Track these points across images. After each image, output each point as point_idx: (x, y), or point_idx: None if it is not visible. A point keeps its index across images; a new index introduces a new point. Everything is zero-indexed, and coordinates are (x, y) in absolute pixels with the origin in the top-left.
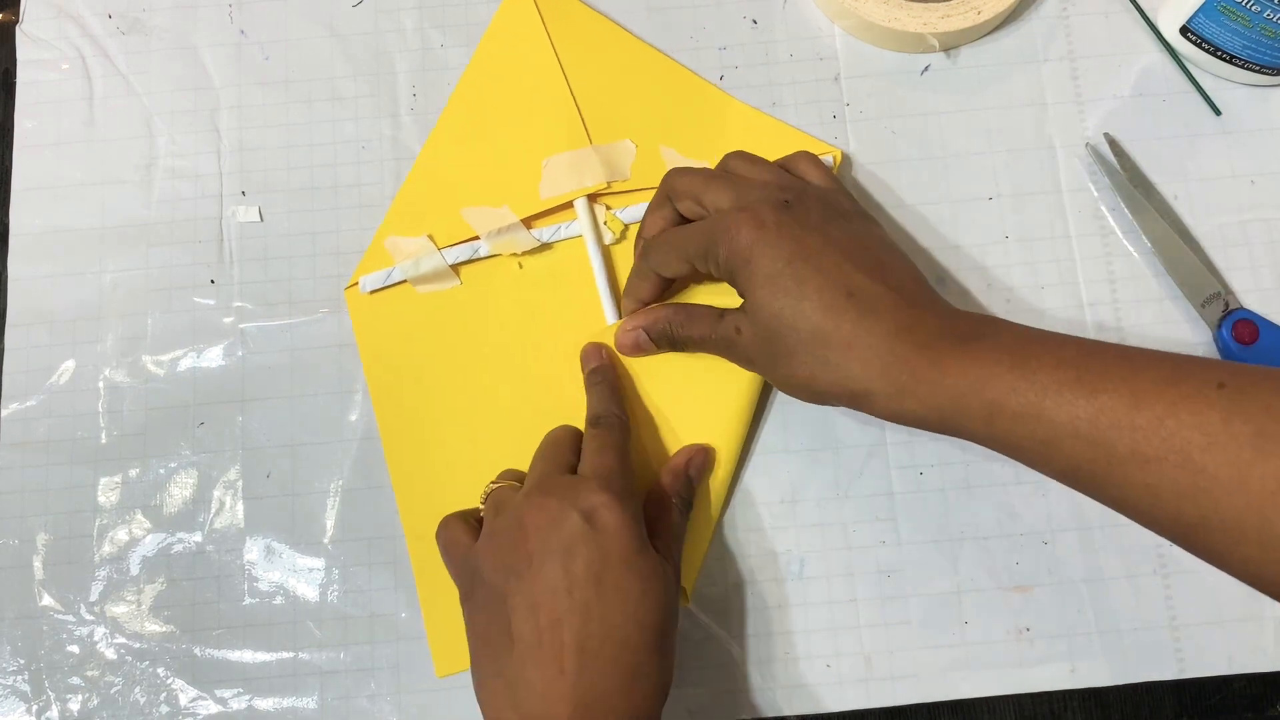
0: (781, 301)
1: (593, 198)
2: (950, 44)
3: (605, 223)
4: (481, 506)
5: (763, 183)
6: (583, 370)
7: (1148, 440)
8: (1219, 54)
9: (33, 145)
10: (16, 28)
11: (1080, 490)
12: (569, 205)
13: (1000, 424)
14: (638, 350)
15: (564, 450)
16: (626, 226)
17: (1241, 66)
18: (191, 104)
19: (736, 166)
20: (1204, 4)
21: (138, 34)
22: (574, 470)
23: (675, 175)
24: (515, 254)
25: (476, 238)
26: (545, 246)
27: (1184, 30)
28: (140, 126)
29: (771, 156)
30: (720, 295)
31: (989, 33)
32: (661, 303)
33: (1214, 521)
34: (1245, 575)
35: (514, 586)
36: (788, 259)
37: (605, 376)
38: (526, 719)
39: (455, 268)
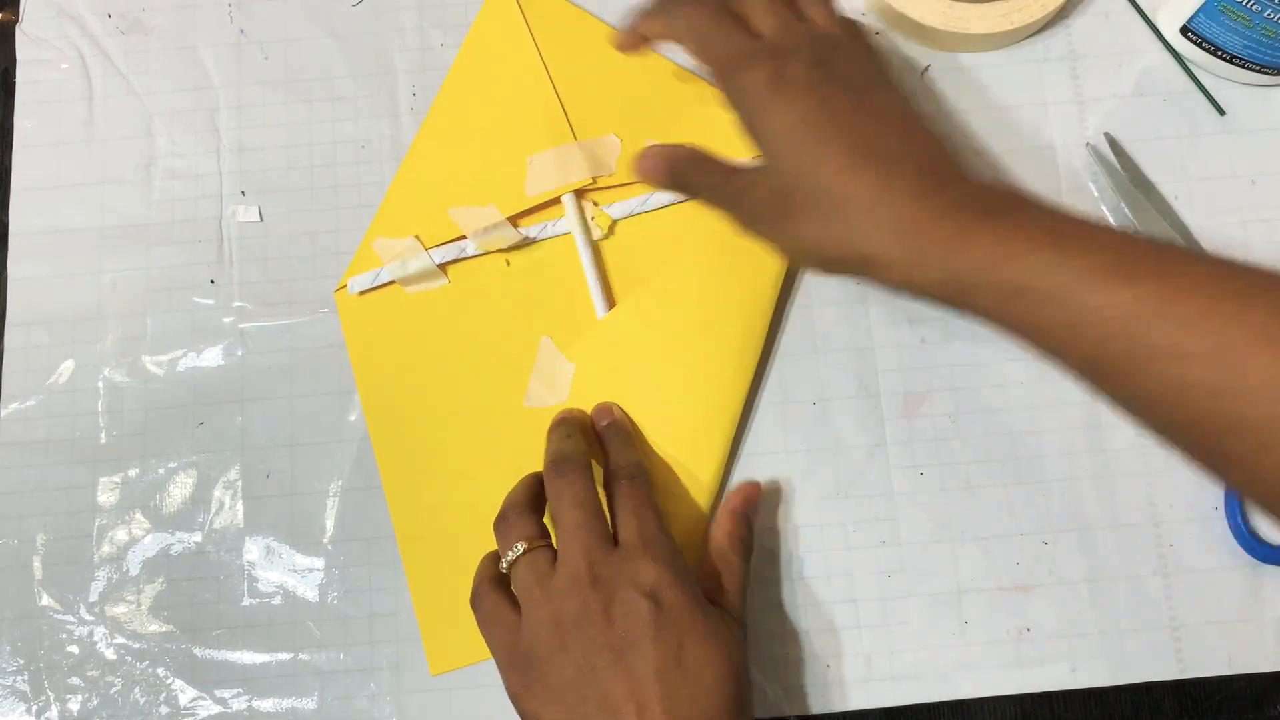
0: (799, 158)
1: (580, 193)
2: (988, 46)
3: (593, 218)
4: (505, 563)
5: (806, 28)
6: (596, 425)
7: (1187, 333)
8: (1219, 54)
9: (32, 145)
10: (16, 27)
11: (1094, 383)
12: (556, 202)
13: (1022, 303)
14: (649, 178)
15: (594, 513)
16: (615, 221)
17: (1242, 66)
18: (191, 104)
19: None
20: (1204, 4)
21: (137, 34)
22: (607, 526)
23: None
24: (503, 251)
25: (464, 237)
26: (533, 243)
27: (1184, 30)
28: (140, 126)
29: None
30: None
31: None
32: (683, 143)
33: (1246, 423)
34: (1267, 486)
35: (592, 681)
36: (809, 114)
37: (620, 429)
38: None
39: (443, 267)
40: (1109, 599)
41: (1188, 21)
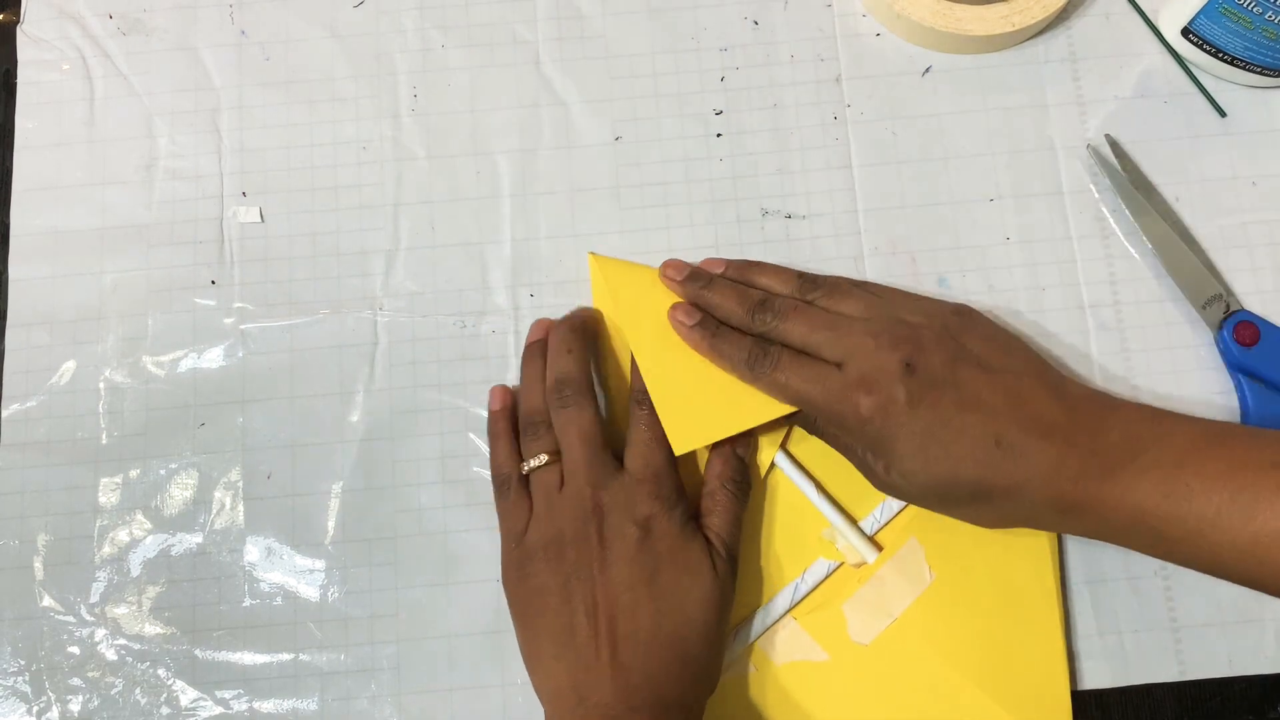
0: (935, 469)
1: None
2: (986, 48)
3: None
4: (528, 467)
5: (875, 332)
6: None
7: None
8: (1220, 55)
9: (33, 146)
10: (17, 28)
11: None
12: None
13: (1164, 547)
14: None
15: (598, 446)
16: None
17: (1242, 68)
18: (192, 104)
19: (826, 302)
20: (1205, 6)
21: (138, 34)
22: (610, 455)
23: (764, 312)
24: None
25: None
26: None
27: (1185, 32)
28: (141, 127)
29: None
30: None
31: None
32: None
33: None
34: None
35: (575, 587)
36: (927, 430)
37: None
38: (583, 700)
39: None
40: (1110, 600)
41: (1189, 23)
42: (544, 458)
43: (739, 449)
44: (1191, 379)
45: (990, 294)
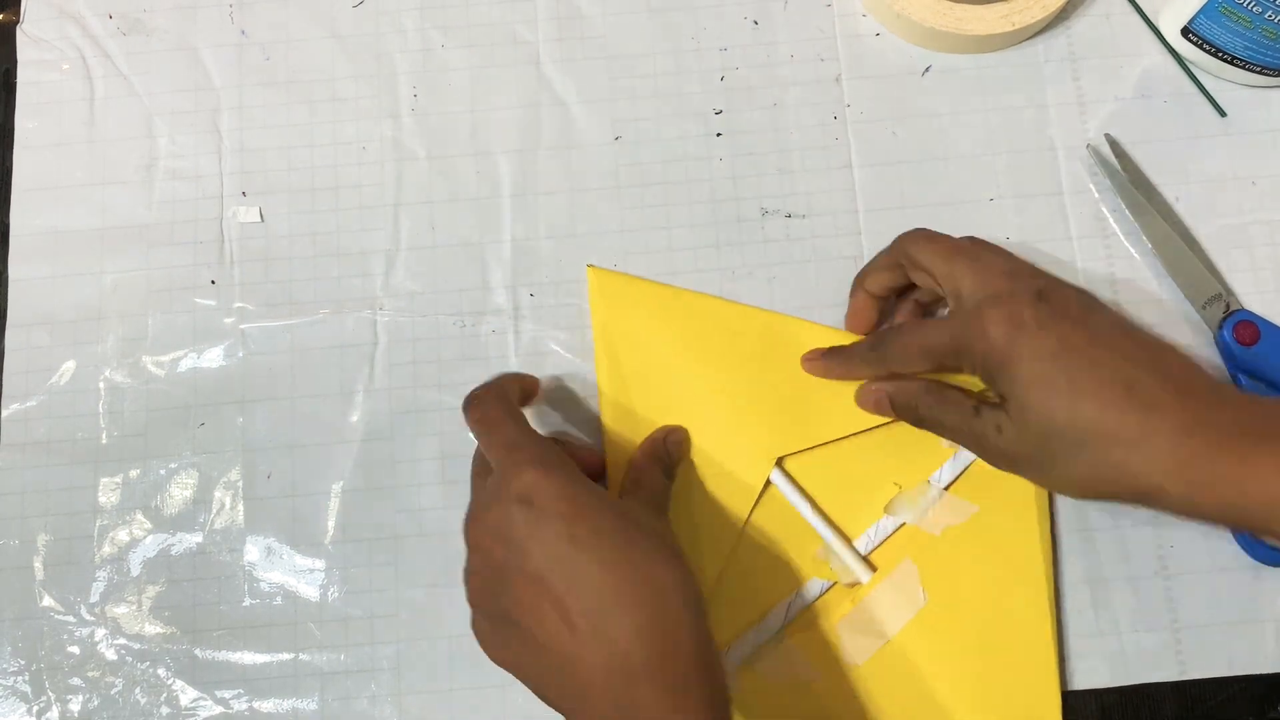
0: (1055, 402)
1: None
2: (986, 48)
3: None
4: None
5: (1009, 270)
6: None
7: None
8: (1220, 55)
9: (33, 145)
10: (17, 28)
11: None
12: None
13: None
14: (878, 410)
15: (478, 460)
16: None
17: (1242, 68)
18: (192, 104)
19: (976, 249)
20: (1205, 5)
21: (138, 34)
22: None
23: (912, 242)
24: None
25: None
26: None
27: (1185, 31)
28: (141, 127)
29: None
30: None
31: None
32: (915, 378)
33: None
34: None
35: (504, 595)
36: (1054, 355)
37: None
38: (562, 695)
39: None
40: (1110, 600)
41: (1189, 23)
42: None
43: (669, 445)
44: None
45: None
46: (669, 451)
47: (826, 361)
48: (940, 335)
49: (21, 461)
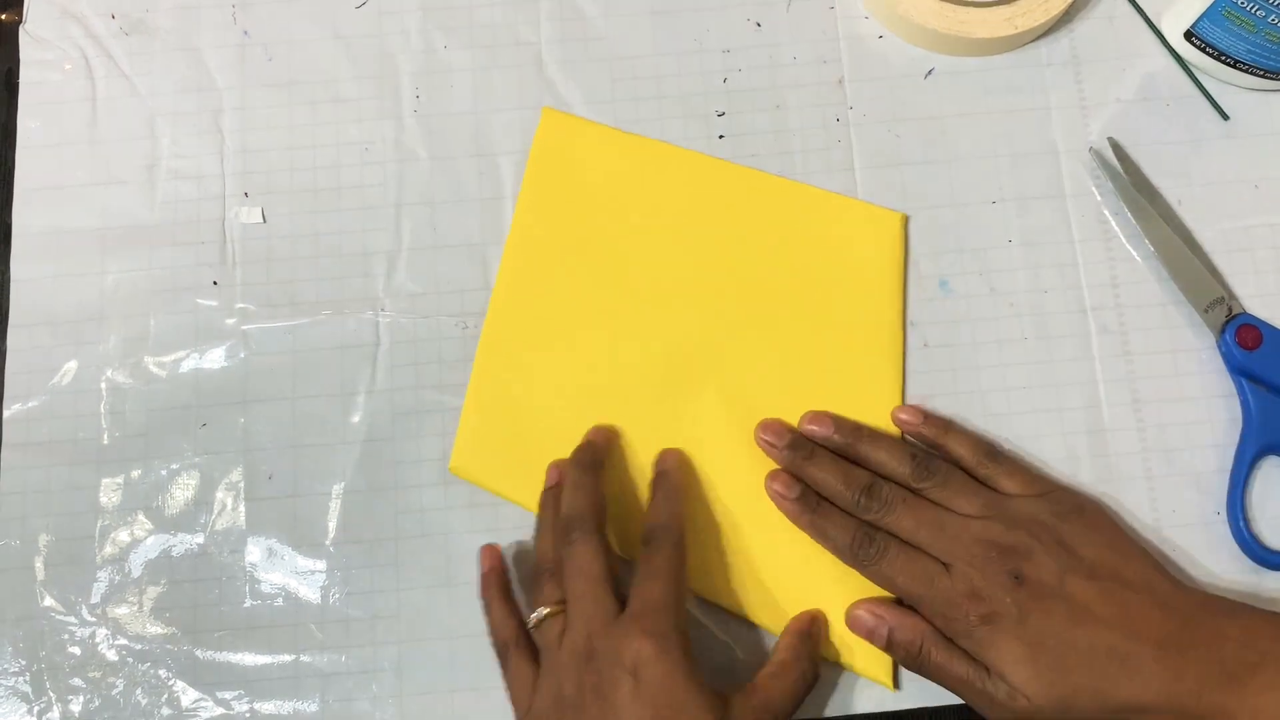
0: (1045, 680)
1: None
2: (987, 50)
3: None
4: (532, 619)
5: (981, 540)
6: (654, 470)
7: None
8: (1223, 59)
9: (36, 146)
10: (20, 28)
11: None
12: None
13: None
14: (869, 639)
15: (598, 582)
16: None
17: (1246, 71)
18: (194, 105)
19: (937, 495)
20: (1208, 9)
21: (141, 35)
22: (611, 592)
23: (870, 502)
24: None
25: None
26: None
27: (1188, 35)
28: (143, 127)
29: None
30: None
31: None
32: (919, 617)
33: None
34: None
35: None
36: (1038, 642)
37: (669, 481)
38: None
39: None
40: None
41: (1192, 26)
42: (544, 611)
43: (814, 632)
44: (1193, 382)
45: (992, 297)
46: (816, 641)
47: (794, 507)
48: (922, 592)
49: (23, 462)
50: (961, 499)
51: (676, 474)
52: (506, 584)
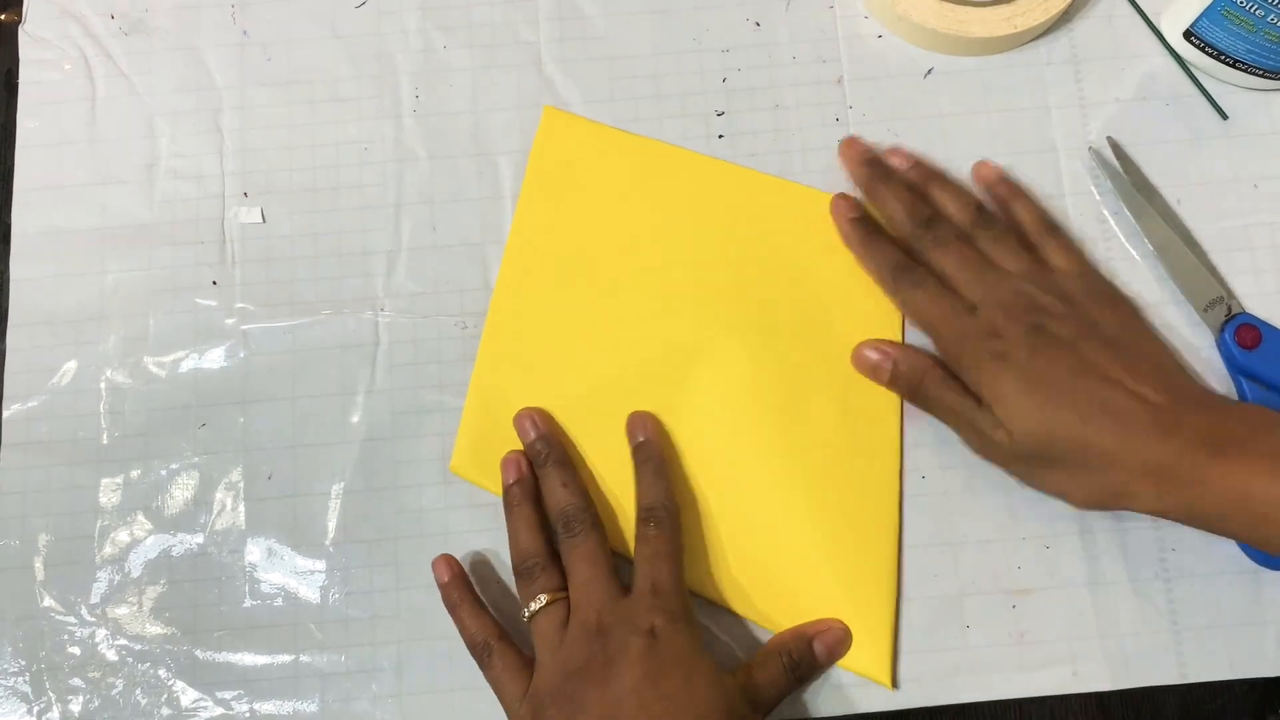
0: (1035, 417)
1: None
2: (986, 50)
3: None
4: (528, 612)
5: (1013, 291)
6: (629, 442)
7: None
8: (1222, 58)
9: (35, 145)
10: (19, 28)
11: None
12: None
13: (1263, 530)
14: (873, 376)
15: (602, 567)
16: None
17: (1245, 71)
18: (194, 105)
19: (987, 247)
20: (1207, 8)
21: (140, 34)
22: (616, 575)
23: (925, 233)
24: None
25: None
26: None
27: (1187, 34)
28: (142, 127)
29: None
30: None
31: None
32: (927, 352)
33: None
34: None
35: (583, 712)
36: (1038, 379)
37: (652, 454)
38: None
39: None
40: (1110, 603)
41: (1191, 26)
42: (543, 599)
43: (817, 643)
44: None
45: None
46: (812, 648)
47: (852, 227)
48: (943, 325)
49: (23, 462)
50: (1010, 257)
51: (657, 444)
52: (472, 587)
